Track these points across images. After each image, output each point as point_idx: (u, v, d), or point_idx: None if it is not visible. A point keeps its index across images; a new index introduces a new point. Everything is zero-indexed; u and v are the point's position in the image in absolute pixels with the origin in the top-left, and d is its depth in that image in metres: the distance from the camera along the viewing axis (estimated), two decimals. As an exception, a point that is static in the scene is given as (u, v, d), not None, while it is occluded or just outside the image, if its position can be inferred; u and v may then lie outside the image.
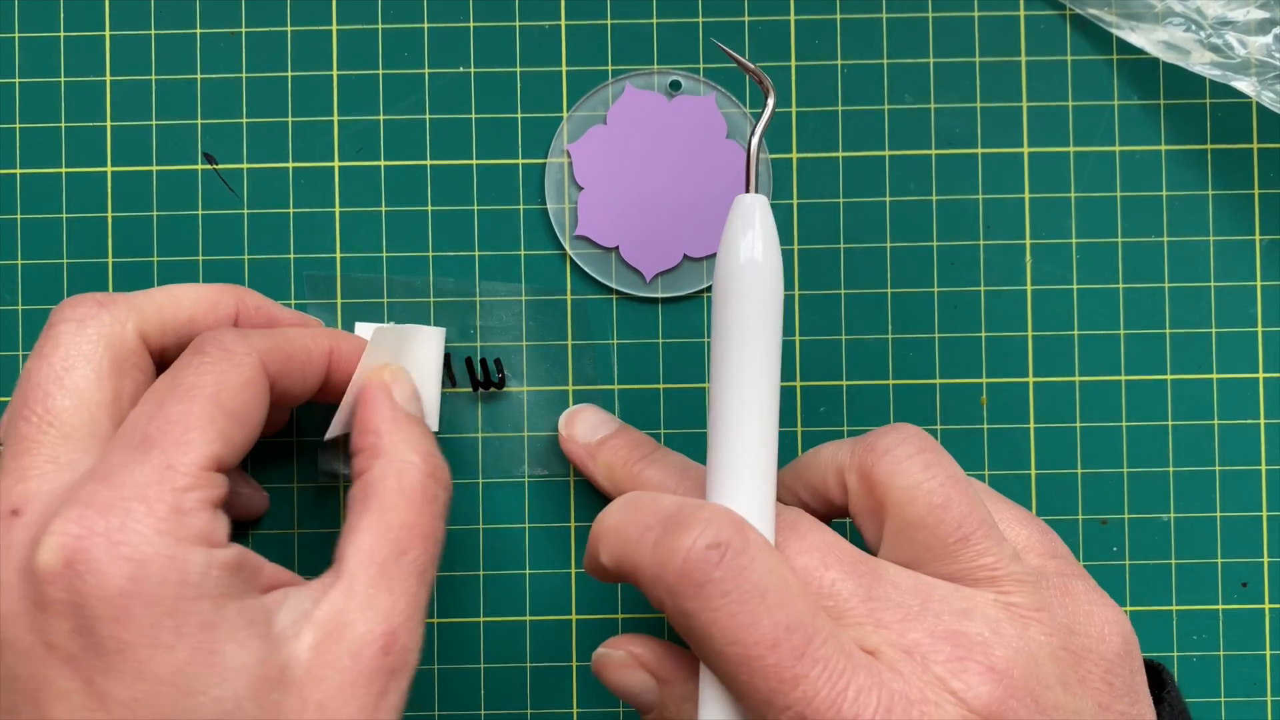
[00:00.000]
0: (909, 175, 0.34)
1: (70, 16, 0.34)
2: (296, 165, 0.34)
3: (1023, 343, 0.34)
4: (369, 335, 0.32)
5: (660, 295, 0.34)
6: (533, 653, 0.34)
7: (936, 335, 0.34)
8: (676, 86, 0.34)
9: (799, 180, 0.34)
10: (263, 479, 0.34)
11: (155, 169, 0.34)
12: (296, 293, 0.34)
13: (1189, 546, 0.34)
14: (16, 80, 0.34)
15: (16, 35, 0.34)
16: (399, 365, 0.31)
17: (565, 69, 0.34)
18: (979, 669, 0.24)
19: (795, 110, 0.34)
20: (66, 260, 0.34)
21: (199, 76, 0.34)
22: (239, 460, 0.27)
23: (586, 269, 0.34)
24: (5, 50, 0.34)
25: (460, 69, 0.34)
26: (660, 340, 0.34)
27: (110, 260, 0.34)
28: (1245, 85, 0.33)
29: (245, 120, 0.34)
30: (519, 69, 0.34)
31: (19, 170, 0.34)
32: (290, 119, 0.34)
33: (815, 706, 0.23)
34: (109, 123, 0.34)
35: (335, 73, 0.34)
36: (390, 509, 0.28)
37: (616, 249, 0.34)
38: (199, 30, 0.34)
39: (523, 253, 0.34)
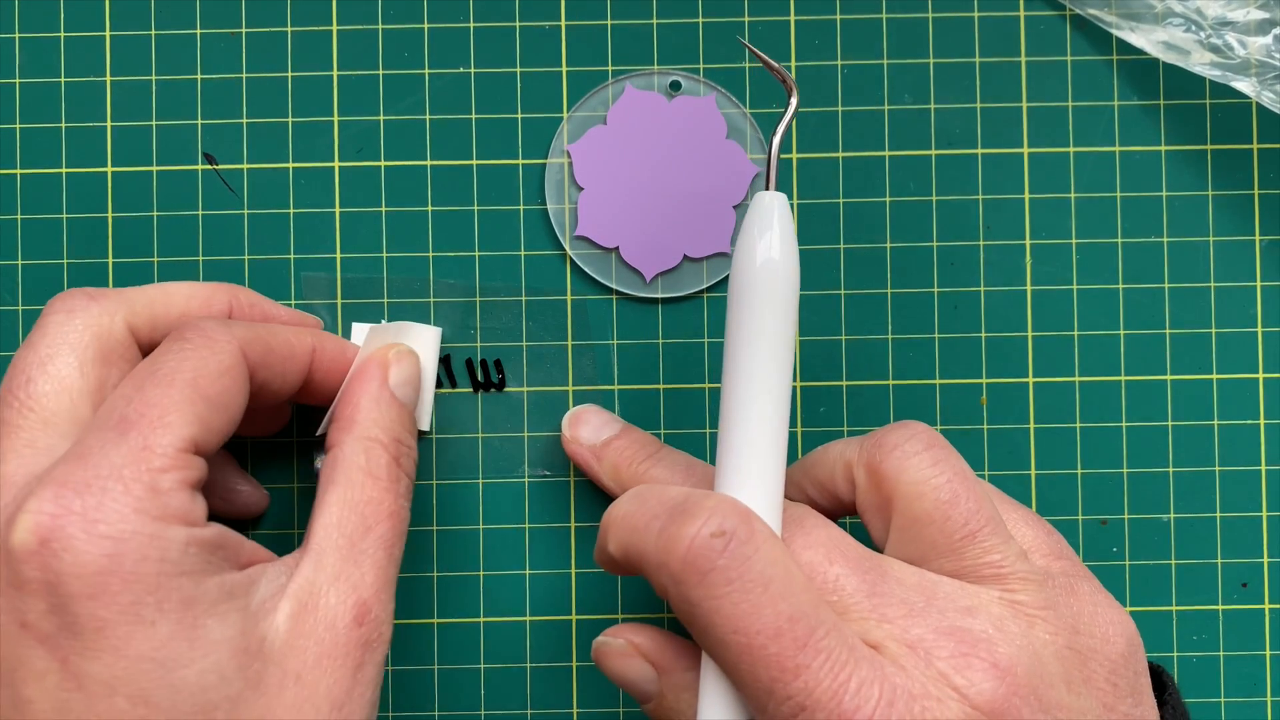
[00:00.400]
0: (909, 175, 0.34)
1: (70, 16, 0.34)
2: (296, 165, 0.34)
3: (1023, 343, 0.34)
4: (364, 335, 0.32)
5: (660, 295, 0.34)
6: (533, 653, 0.34)
7: (936, 335, 0.34)
8: (676, 87, 0.34)
9: (799, 180, 0.34)
10: (263, 479, 0.34)
11: (155, 169, 0.34)
12: (296, 293, 0.34)
13: (1189, 547, 0.34)
14: (16, 80, 0.34)
15: (16, 35, 0.34)
16: (406, 348, 0.32)
17: (565, 69, 0.34)
18: (983, 665, 0.24)
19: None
20: (66, 260, 0.34)
21: (199, 76, 0.34)
22: (218, 445, 0.27)
23: (586, 269, 0.34)
24: (5, 50, 0.34)
25: (460, 69, 0.34)
26: (660, 340, 0.34)
27: (110, 260, 0.34)
28: (1245, 85, 0.33)
29: (245, 120, 0.34)
30: (519, 69, 0.34)
31: (19, 170, 0.34)
32: (290, 119, 0.34)
33: (816, 698, 0.23)
34: (109, 123, 0.34)
35: (335, 73, 0.34)
36: (358, 486, 0.28)
37: (616, 249, 0.34)
38: (199, 30, 0.34)
39: (523, 253, 0.34)
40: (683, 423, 0.34)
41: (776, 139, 0.27)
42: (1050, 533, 0.28)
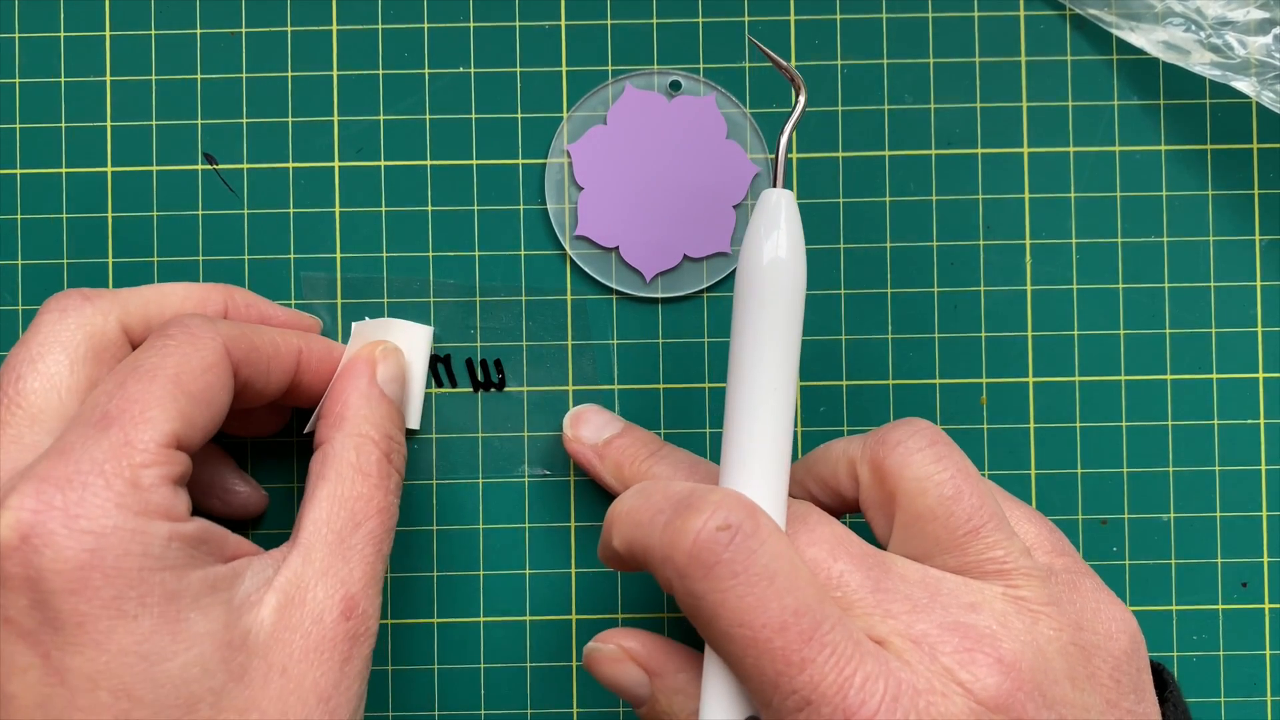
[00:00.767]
0: (909, 175, 0.34)
1: (70, 16, 0.34)
2: (296, 165, 0.34)
3: (1023, 343, 0.34)
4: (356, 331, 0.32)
5: (660, 295, 0.34)
6: (533, 653, 0.34)
7: (936, 335, 0.34)
8: (676, 86, 0.34)
9: (799, 180, 0.34)
10: (263, 479, 0.34)
11: (155, 169, 0.34)
12: (296, 293, 0.34)
13: (1189, 546, 0.34)
14: (16, 80, 0.34)
15: (16, 35, 0.34)
16: (393, 345, 0.32)
17: (565, 69, 0.34)
18: (987, 661, 0.24)
19: (795, 110, 0.34)
20: (66, 260, 0.34)
21: (199, 76, 0.34)
22: (201, 441, 0.27)
23: (586, 269, 0.34)
24: (5, 50, 0.34)
25: (460, 69, 0.34)
26: (660, 340, 0.34)
27: (110, 260, 0.34)
28: (1245, 85, 0.33)
29: (245, 120, 0.34)
30: (519, 69, 0.34)
31: (19, 170, 0.34)
32: (290, 119, 0.34)
33: (821, 691, 0.23)
34: (109, 123, 0.34)
35: (335, 73, 0.34)
36: (348, 481, 0.28)
37: (616, 249, 0.34)
38: (199, 30, 0.34)
39: (523, 253, 0.34)
40: (683, 423, 0.34)
41: (784, 137, 0.27)
42: (1052, 530, 0.28)
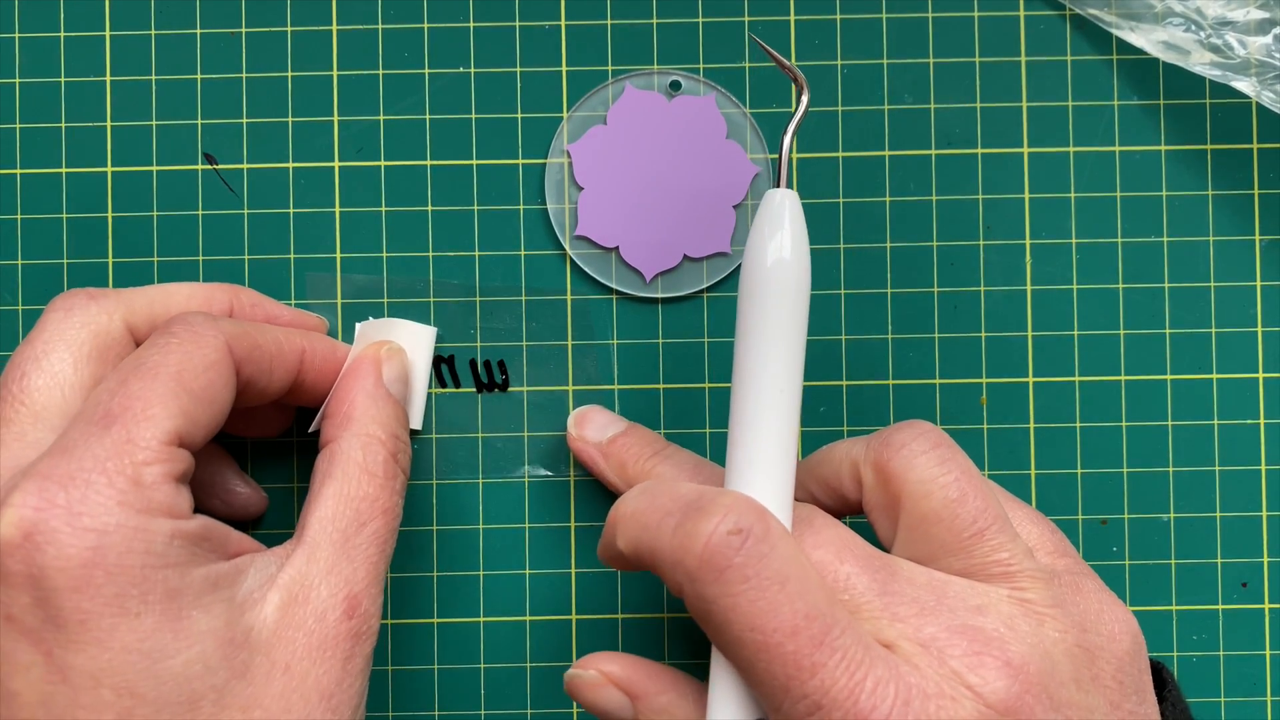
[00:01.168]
0: (909, 175, 0.34)
1: (70, 16, 0.34)
2: (296, 165, 0.34)
3: (1023, 343, 0.34)
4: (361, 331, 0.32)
5: (660, 295, 0.34)
6: (533, 653, 0.34)
7: (936, 335, 0.34)
8: (676, 86, 0.34)
9: (799, 180, 0.34)
10: (262, 479, 0.34)
11: (155, 169, 0.34)
12: (296, 293, 0.34)
13: (1189, 546, 0.34)
14: (16, 80, 0.34)
15: (16, 35, 0.34)
16: (397, 345, 0.32)
17: (565, 69, 0.34)
18: (995, 664, 0.24)
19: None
20: (66, 260, 0.34)
21: (199, 76, 0.34)
22: (204, 439, 0.27)
23: (586, 269, 0.34)
24: (5, 50, 0.34)
25: (460, 69, 0.34)
26: (660, 340, 0.34)
27: (110, 260, 0.34)
28: (1245, 85, 0.33)
29: (245, 120, 0.34)
30: (519, 69, 0.34)
31: (19, 170, 0.34)
32: (290, 119, 0.34)
33: (832, 696, 0.23)
34: (109, 123, 0.34)
35: (335, 73, 0.34)
36: (354, 481, 0.28)
37: (616, 249, 0.34)
38: (199, 30, 0.34)
39: (523, 253, 0.34)
40: (683, 423, 0.34)
41: (788, 136, 0.27)
42: (1053, 531, 0.28)
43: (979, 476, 0.27)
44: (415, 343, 0.33)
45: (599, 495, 0.34)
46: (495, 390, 0.34)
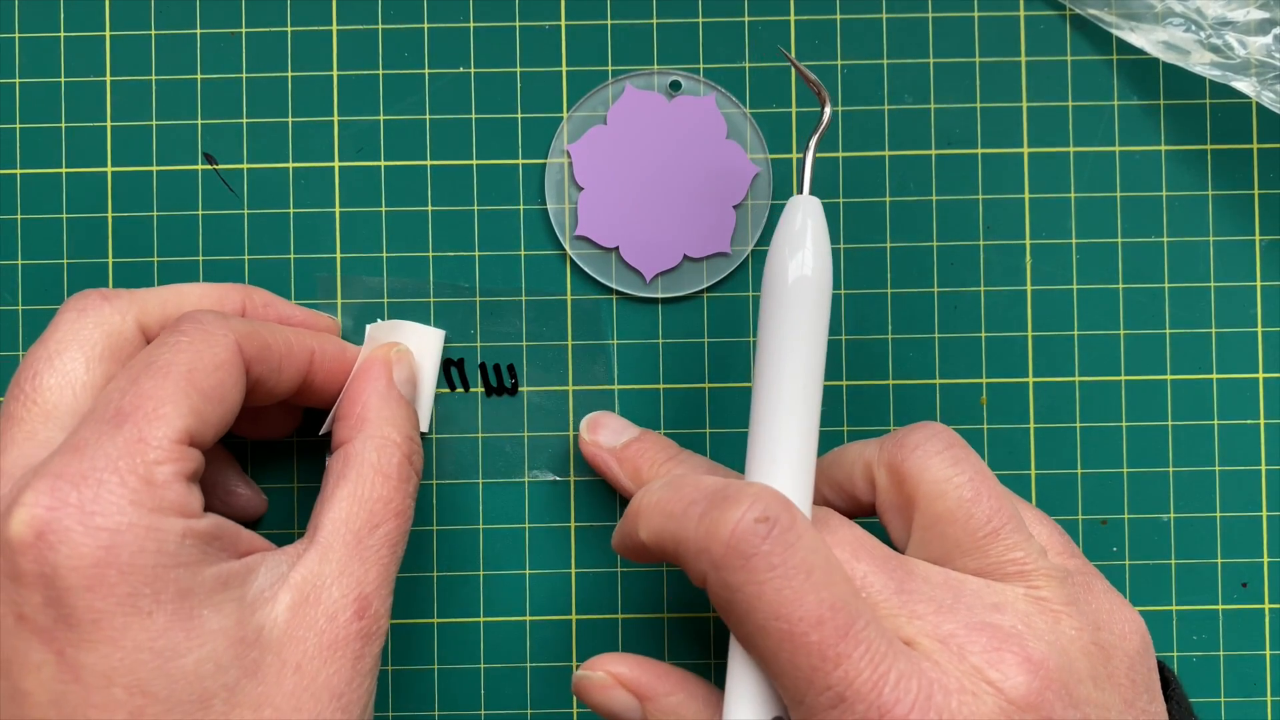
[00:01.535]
0: (909, 175, 0.34)
1: (70, 16, 0.34)
2: (296, 165, 0.34)
3: (1023, 343, 0.34)
4: (371, 333, 0.32)
5: (660, 295, 0.34)
6: (533, 653, 0.34)
7: (936, 335, 0.34)
8: (676, 86, 0.34)
9: (799, 180, 0.34)
10: (263, 479, 0.34)
11: (155, 169, 0.34)
12: (296, 293, 0.34)
13: (1189, 546, 0.34)
14: (16, 80, 0.34)
15: (16, 35, 0.34)
16: (406, 348, 0.32)
17: (565, 69, 0.34)
18: (1015, 660, 0.24)
19: (795, 110, 0.34)
20: (66, 260, 0.34)
21: (199, 76, 0.34)
22: (214, 438, 0.27)
23: (586, 269, 0.34)
24: (5, 50, 0.34)
25: (460, 69, 0.34)
26: (660, 340, 0.34)
27: (110, 260, 0.34)
28: (1245, 85, 0.33)
29: (245, 120, 0.34)
30: (519, 69, 0.34)
31: (19, 170, 0.34)
32: (290, 119, 0.34)
33: (856, 688, 0.23)
34: (109, 123, 0.34)
35: (335, 73, 0.34)
36: (368, 483, 0.28)
37: (616, 249, 0.34)
38: (199, 30, 0.34)
39: (523, 253, 0.34)
40: (683, 423, 0.34)
41: (811, 147, 0.28)
42: (1060, 532, 0.29)
43: (992, 477, 0.27)
44: (424, 345, 0.33)
45: (599, 496, 0.34)
46: (505, 394, 0.34)
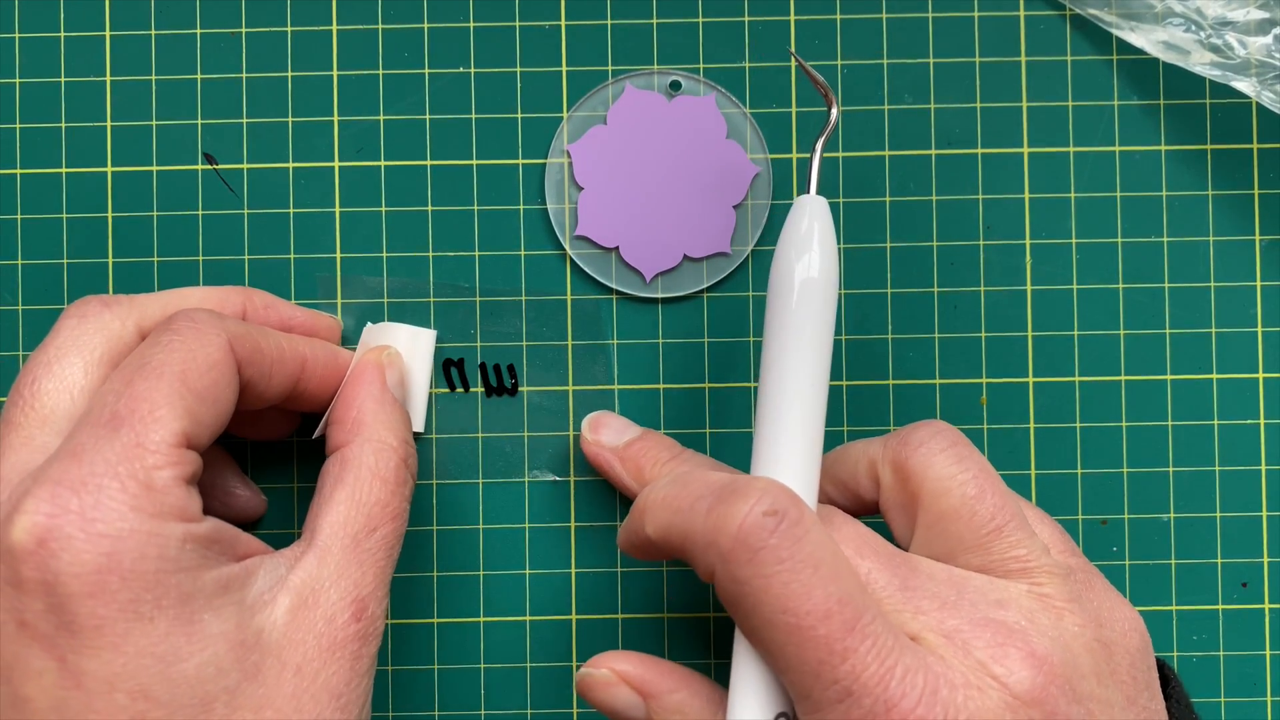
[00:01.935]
0: (909, 175, 0.34)
1: (70, 16, 0.34)
2: (296, 165, 0.34)
3: (1023, 343, 0.34)
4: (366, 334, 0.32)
5: (660, 295, 0.34)
6: (533, 653, 0.34)
7: (936, 335, 0.34)
8: (676, 86, 0.34)
9: (799, 180, 0.34)
10: (263, 480, 0.34)
11: (155, 169, 0.34)
12: (296, 293, 0.34)
13: (1189, 546, 0.34)
14: (16, 80, 0.34)
15: (16, 35, 0.34)
16: (396, 350, 0.32)
17: (565, 69, 0.34)
18: (1019, 655, 0.24)
19: (795, 110, 0.34)
20: (66, 260, 0.34)
21: (199, 76, 0.34)
22: (210, 440, 0.27)
23: (586, 269, 0.34)
24: (5, 50, 0.34)
25: (460, 69, 0.34)
26: (660, 340, 0.34)
27: (110, 260, 0.34)
28: (1245, 85, 0.33)
29: (245, 120, 0.34)
30: (519, 69, 0.34)
31: (19, 170, 0.34)
32: (290, 119, 0.34)
33: (863, 682, 0.23)
34: (109, 123, 0.34)
35: (335, 73, 0.34)
36: (366, 486, 0.28)
37: (616, 249, 0.34)
38: (199, 30, 0.34)
39: (523, 253, 0.34)
40: (683, 423, 0.34)
41: (818, 148, 0.28)
42: (1061, 531, 0.29)
43: (995, 475, 0.27)
44: (416, 346, 0.33)
45: (599, 496, 0.34)
46: (505, 394, 0.34)
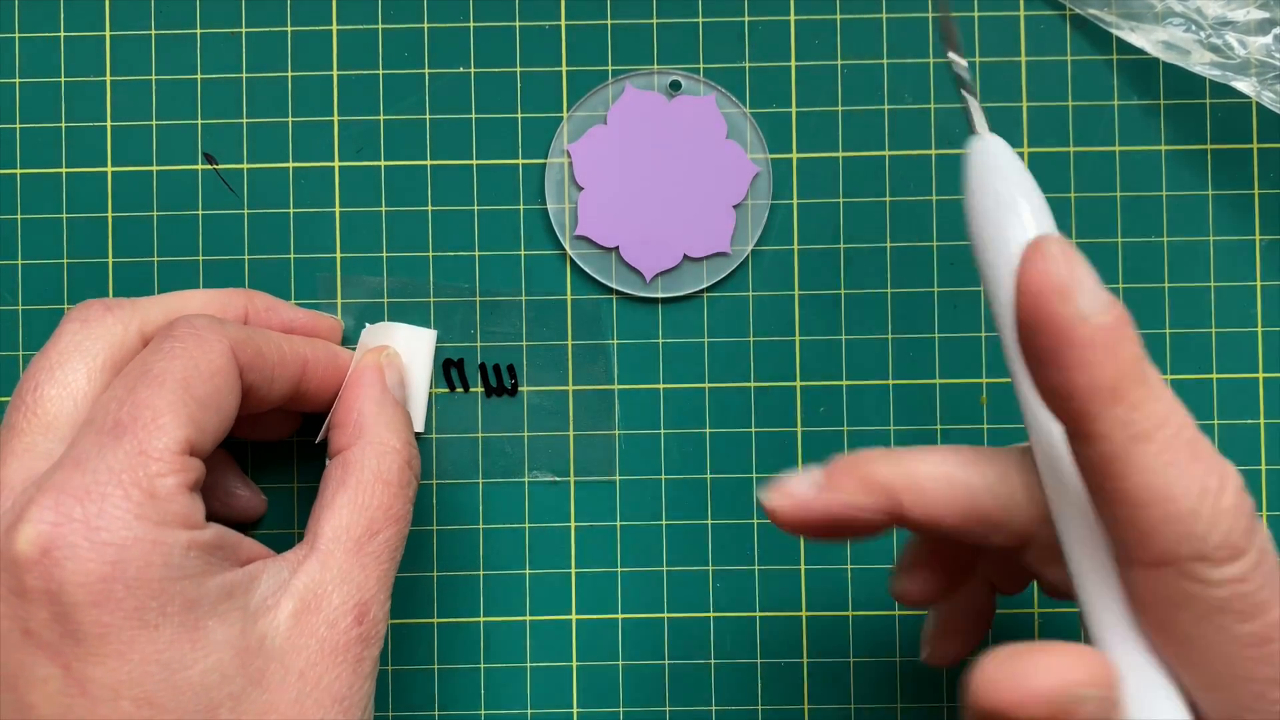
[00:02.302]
0: (909, 175, 0.34)
1: (70, 16, 0.34)
2: (296, 165, 0.34)
3: (1023, 343, 0.34)
4: (366, 334, 0.32)
5: (660, 295, 0.34)
6: (533, 653, 0.34)
7: (936, 335, 0.34)
8: (676, 86, 0.34)
9: (799, 180, 0.34)
10: (263, 480, 0.34)
11: (155, 169, 0.34)
12: (296, 293, 0.34)
13: (1189, 546, 0.34)
14: (16, 80, 0.34)
15: (16, 35, 0.34)
16: (394, 351, 0.32)
17: (565, 69, 0.34)
18: None
19: (795, 110, 0.34)
20: (66, 260, 0.34)
21: (199, 76, 0.34)
22: (213, 446, 0.27)
23: (586, 269, 0.34)
24: (5, 50, 0.34)
25: (460, 69, 0.34)
26: (660, 340, 0.34)
27: (110, 260, 0.34)
28: (1245, 85, 0.33)
29: (245, 120, 0.34)
30: (519, 69, 0.34)
31: (19, 170, 0.34)
32: (290, 119, 0.34)
33: None
34: (109, 123, 0.34)
35: (335, 73, 0.34)
36: (368, 490, 0.28)
37: (616, 249, 0.34)
38: (199, 30, 0.34)
39: (523, 253, 0.34)
40: (683, 423, 0.34)
41: (970, 89, 0.25)
42: None
43: None
44: (415, 346, 0.33)
45: (599, 496, 0.34)
46: (505, 394, 0.34)
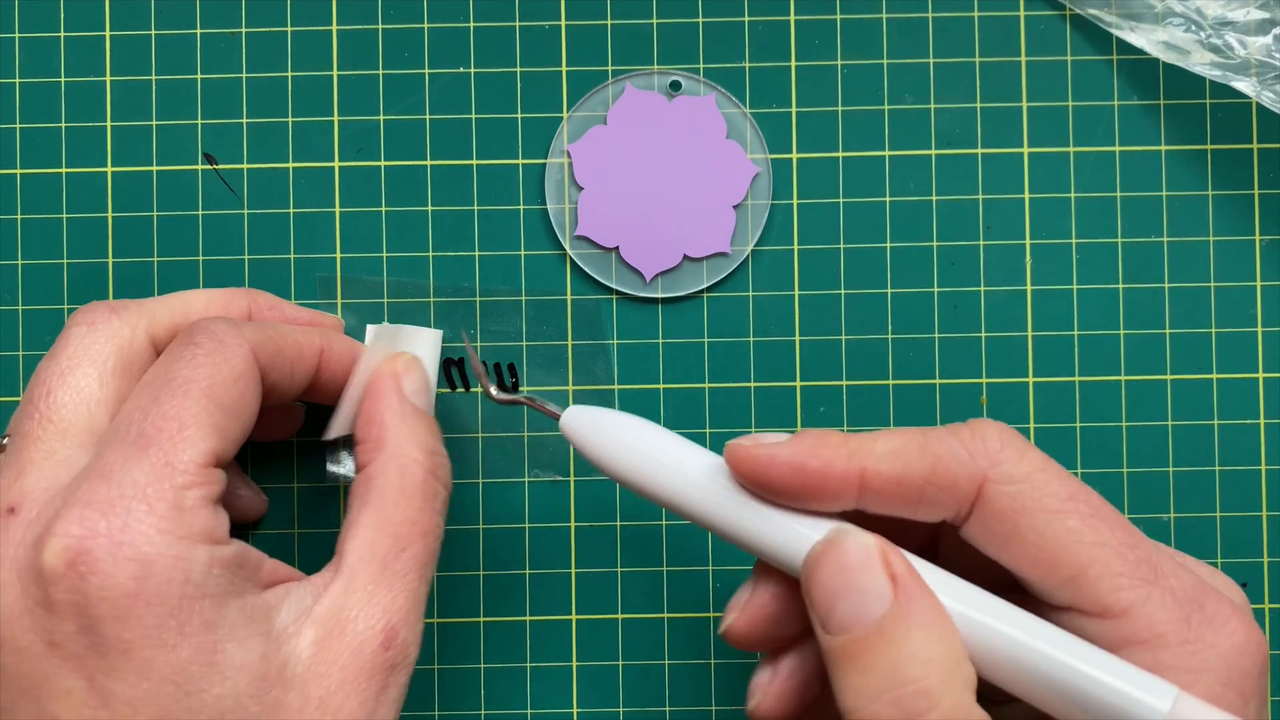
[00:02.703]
0: (909, 175, 0.34)
1: (70, 16, 0.34)
2: (296, 165, 0.34)
3: (1023, 343, 0.34)
4: (371, 335, 0.32)
5: (660, 295, 0.34)
6: (533, 653, 0.34)
7: (936, 335, 0.34)
8: (676, 86, 0.34)
9: (799, 180, 0.34)
10: (263, 479, 0.34)
11: (155, 169, 0.34)
12: (296, 293, 0.34)
13: (1189, 546, 0.34)
14: (16, 80, 0.34)
15: (16, 35, 0.34)
16: (413, 356, 0.31)
17: (565, 69, 0.34)
18: None
19: (795, 110, 0.34)
20: (66, 260, 0.34)
21: (199, 76, 0.34)
22: (234, 453, 0.27)
23: (586, 269, 0.34)
24: (5, 50, 0.34)
25: (460, 69, 0.34)
26: (660, 340, 0.34)
27: (110, 260, 0.34)
28: (1245, 85, 0.33)
29: (245, 120, 0.34)
30: (519, 69, 0.34)
31: (19, 170, 0.34)
32: (290, 119, 0.34)
33: None
34: (109, 123, 0.34)
35: (335, 73, 0.34)
36: (391, 505, 0.27)
37: (616, 249, 0.34)
38: (199, 30, 0.34)
39: (523, 253, 0.34)
40: (683, 423, 0.34)
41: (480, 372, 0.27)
42: None
43: None
44: (423, 347, 0.33)
45: (599, 496, 0.34)
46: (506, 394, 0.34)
